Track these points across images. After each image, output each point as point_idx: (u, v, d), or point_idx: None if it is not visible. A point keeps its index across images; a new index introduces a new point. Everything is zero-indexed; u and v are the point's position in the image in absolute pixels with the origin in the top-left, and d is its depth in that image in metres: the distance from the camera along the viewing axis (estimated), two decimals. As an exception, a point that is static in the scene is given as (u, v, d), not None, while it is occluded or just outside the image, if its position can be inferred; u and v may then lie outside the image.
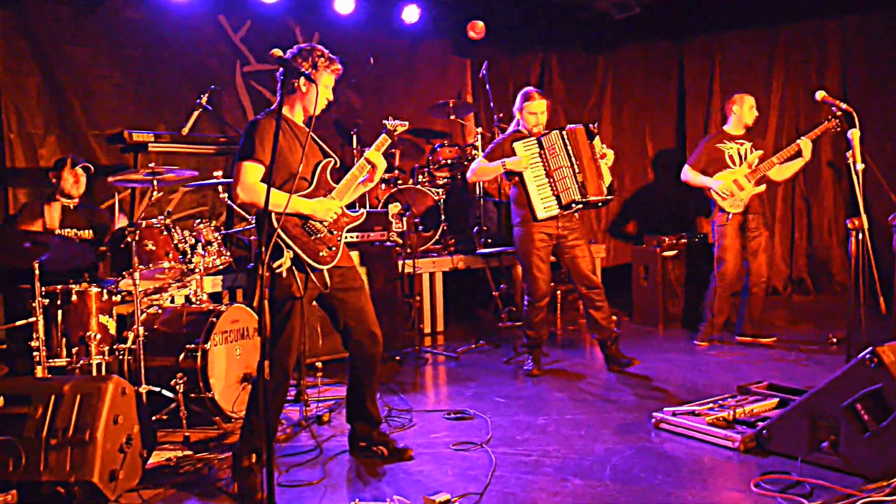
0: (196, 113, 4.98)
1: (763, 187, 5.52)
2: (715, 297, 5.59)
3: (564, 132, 4.83)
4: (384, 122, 3.55)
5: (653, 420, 3.87)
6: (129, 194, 6.08)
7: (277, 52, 3.06)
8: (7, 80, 5.81)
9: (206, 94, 4.93)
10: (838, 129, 5.53)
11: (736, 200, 5.48)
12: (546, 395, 4.54)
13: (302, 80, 3.32)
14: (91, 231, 4.71)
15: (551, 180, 4.81)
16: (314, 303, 3.49)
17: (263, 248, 2.70)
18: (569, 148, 4.81)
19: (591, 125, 4.89)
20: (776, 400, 3.93)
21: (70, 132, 6.09)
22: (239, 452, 3.25)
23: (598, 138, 4.86)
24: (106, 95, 6.25)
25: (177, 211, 6.48)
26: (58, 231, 4.57)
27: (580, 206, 4.84)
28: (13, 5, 5.82)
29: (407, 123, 3.61)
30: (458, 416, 4.18)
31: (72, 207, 4.73)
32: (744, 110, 5.61)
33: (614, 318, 5.14)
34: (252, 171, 3.20)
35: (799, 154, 5.46)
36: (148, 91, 6.42)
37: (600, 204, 4.94)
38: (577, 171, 4.78)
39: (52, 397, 3.15)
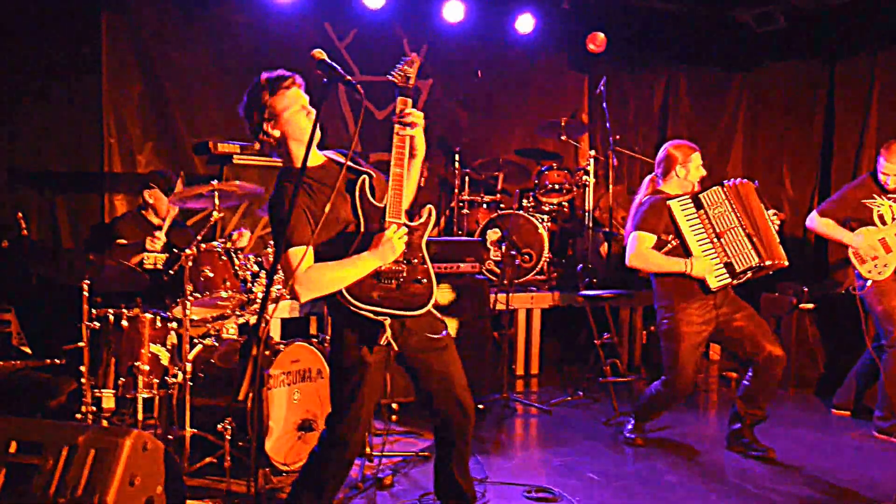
0: (270, 125, 4.50)
1: None
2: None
3: (726, 187, 3.93)
4: (389, 76, 2.69)
5: (783, 532, 3.04)
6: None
7: (319, 53, 2.44)
8: (110, 84, 5.64)
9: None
10: None
11: (878, 265, 4.42)
12: (650, 477, 3.74)
13: (269, 124, 2.62)
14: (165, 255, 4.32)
15: (719, 243, 3.85)
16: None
17: (262, 322, 2.09)
18: (735, 204, 3.90)
19: (754, 182, 4.02)
20: (952, 524, 2.99)
21: (169, 139, 5.88)
22: None
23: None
24: (206, 102, 6.01)
25: (267, 225, 6.11)
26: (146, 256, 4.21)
27: (752, 272, 3.89)
28: (121, 8, 5.63)
29: (416, 60, 2.72)
30: (540, 496, 3.46)
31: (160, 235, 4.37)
32: (887, 166, 4.43)
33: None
34: (302, 259, 2.49)
35: None
36: (249, 99, 6.08)
37: (772, 271, 3.98)
38: (750, 231, 3.86)
39: (66, 449, 2.69)
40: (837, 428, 4.62)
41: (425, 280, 2.67)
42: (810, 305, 5.50)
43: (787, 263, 3.89)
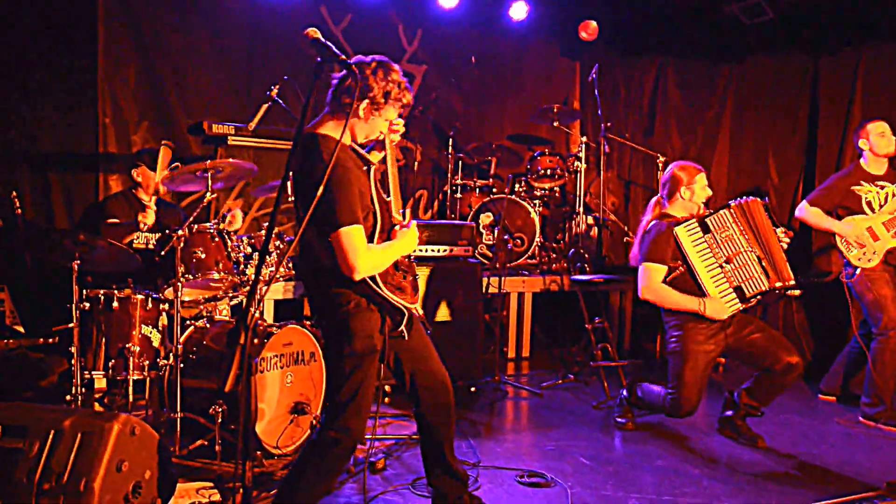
0: (265, 106, 4.32)
1: None
2: (885, 359, 4.23)
3: (733, 208, 3.74)
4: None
5: (777, 519, 2.91)
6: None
7: (314, 32, 2.27)
8: (106, 65, 5.42)
9: (277, 86, 4.24)
10: None
11: (868, 252, 4.30)
12: (641, 462, 3.61)
13: (365, 104, 2.48)
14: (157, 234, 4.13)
15: (729, 269, 3.67)
16: None
17: (252, 305, 1.93)
18: (742, 226, 3.70)
19: (763, 199, 3.82)
20: (945, 513, 2.87)
21: (164, 119, 5.66)
22: None
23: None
24: (202, 84, 5.80)
25: (264, 207, 5.91)
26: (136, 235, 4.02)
27: (762, 296, 3.69)
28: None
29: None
30: (533, 480, 3.32)
31: (150, 205, 4.19)
32: (872, 140, 4.35)
33: None
34: (364, 238, 2.40)
35: None
36: (244, 82, 5.89)
37: (780, 292, 3.77)
38: (759, 254, 3.67)
39: (51, 433, 2.52)
40: (824, 414, 4.50)
41: (416, 276, 2.68)
42: (797, 292, 5.37)
43: (794, 283, 3.71)
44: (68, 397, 3.43)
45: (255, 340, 3.31)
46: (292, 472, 2.58)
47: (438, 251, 4.68)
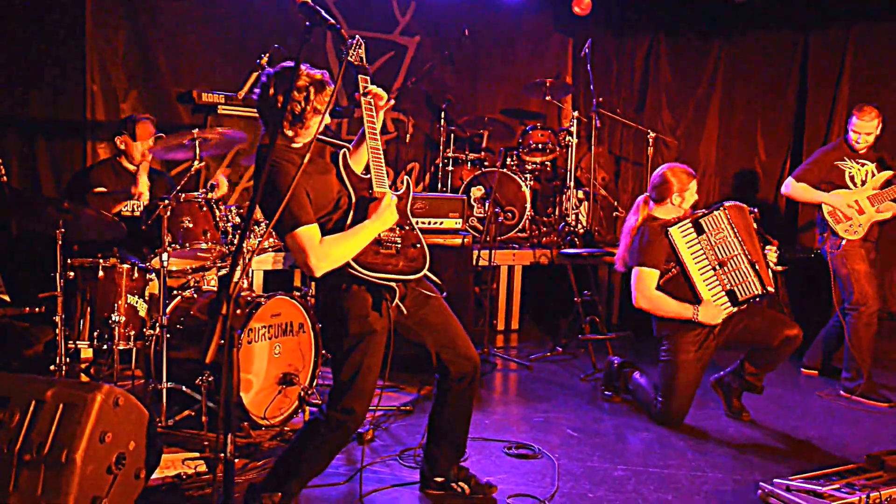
0: (255, 74, 4.19)
1: (889, 214, 4.27)
2: (860, 333, 4.23)
3: (727, 209, 3.64)
4: (347, 58, 2.52)
5: (759, 492, 2.86)
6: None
7: None
8: (95, 33, 5.25)
9: (267, 55, 4.10)
10: None
11: (853, 225, 4.26)
12: (627, 435, 3.56)
13: (284, 124, 2.42)
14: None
15: (722, 272, 3.56)
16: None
17: (238, 277, 1.83)
18: (737, 227, 3.60)
19: (751, 209, 3.71)
20: (926, 486, 2.83)
21: (153, 88, 5.50)
22: (263, 488, 2.50)
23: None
24: (193, 53, 5.64)
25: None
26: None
27: (753, 300, 3.59)
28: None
29: (361, 42, 2.57)
30: (520, 452, 3.26)
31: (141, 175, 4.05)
32: (851, 134, 4.32)
33: None
34: (315, 236, 2.36)
35: None
36: (236, 51, 5.71)
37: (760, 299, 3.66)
38: (753, 258, 3.57)
39: (32, 403, 2.43)
40: (806, 387, 4.47)
41: (419, 244, 2.58)
42: (781, 268, 5.30)
43: (773, 291, 3.64)
44: (53, 367, 3.33)
45: (238, 311, 3.21)
46: (291, 450, 2.54)
47: (429, 223, 4.58)
